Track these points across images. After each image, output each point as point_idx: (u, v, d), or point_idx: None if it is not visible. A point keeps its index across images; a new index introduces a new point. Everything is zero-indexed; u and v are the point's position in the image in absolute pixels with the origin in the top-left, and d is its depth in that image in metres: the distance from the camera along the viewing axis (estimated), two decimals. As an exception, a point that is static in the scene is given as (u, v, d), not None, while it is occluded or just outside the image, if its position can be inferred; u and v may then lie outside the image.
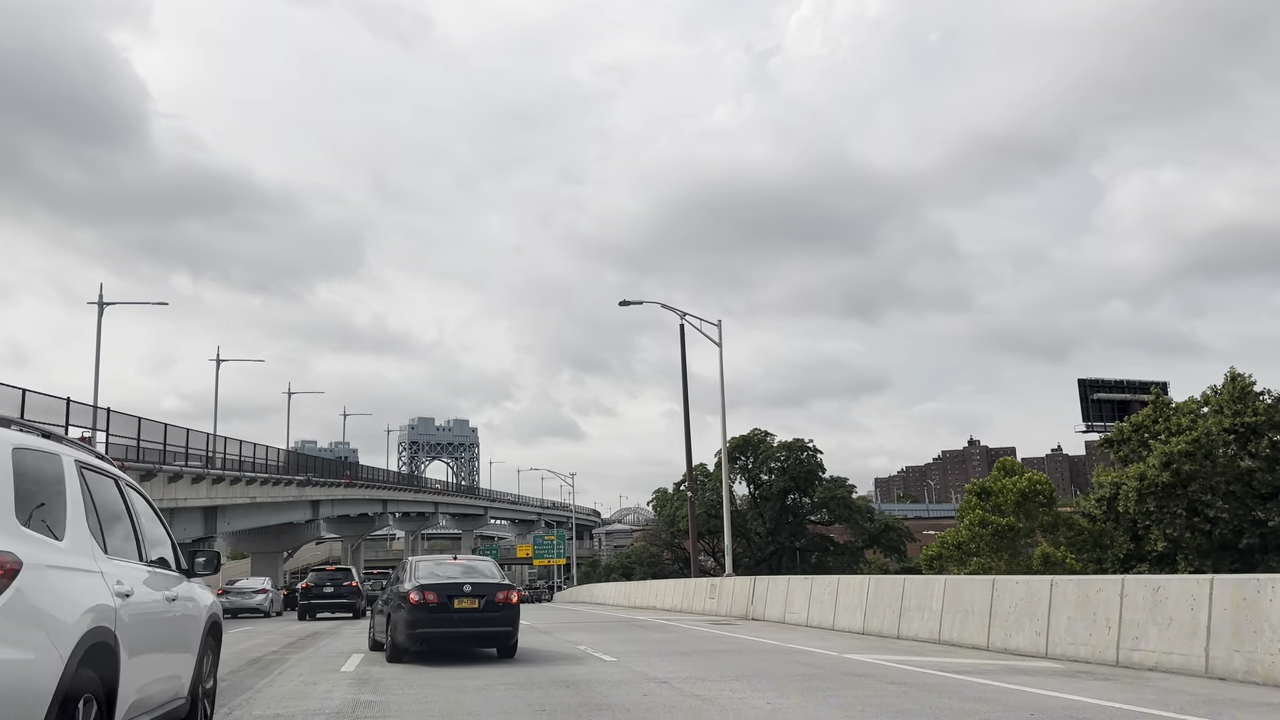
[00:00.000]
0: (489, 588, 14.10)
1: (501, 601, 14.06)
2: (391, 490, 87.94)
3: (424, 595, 13.65)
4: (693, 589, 32.09)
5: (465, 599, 13.86)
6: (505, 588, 14.28)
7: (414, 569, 14.78)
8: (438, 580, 14.12)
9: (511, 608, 14.20)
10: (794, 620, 23.05)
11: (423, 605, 13.59)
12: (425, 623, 13.58)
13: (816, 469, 72.62)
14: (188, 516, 39.04)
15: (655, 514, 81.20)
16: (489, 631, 14.12)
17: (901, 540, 74.85)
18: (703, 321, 30.63)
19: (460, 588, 13.96)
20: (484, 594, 13.97)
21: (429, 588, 13.81)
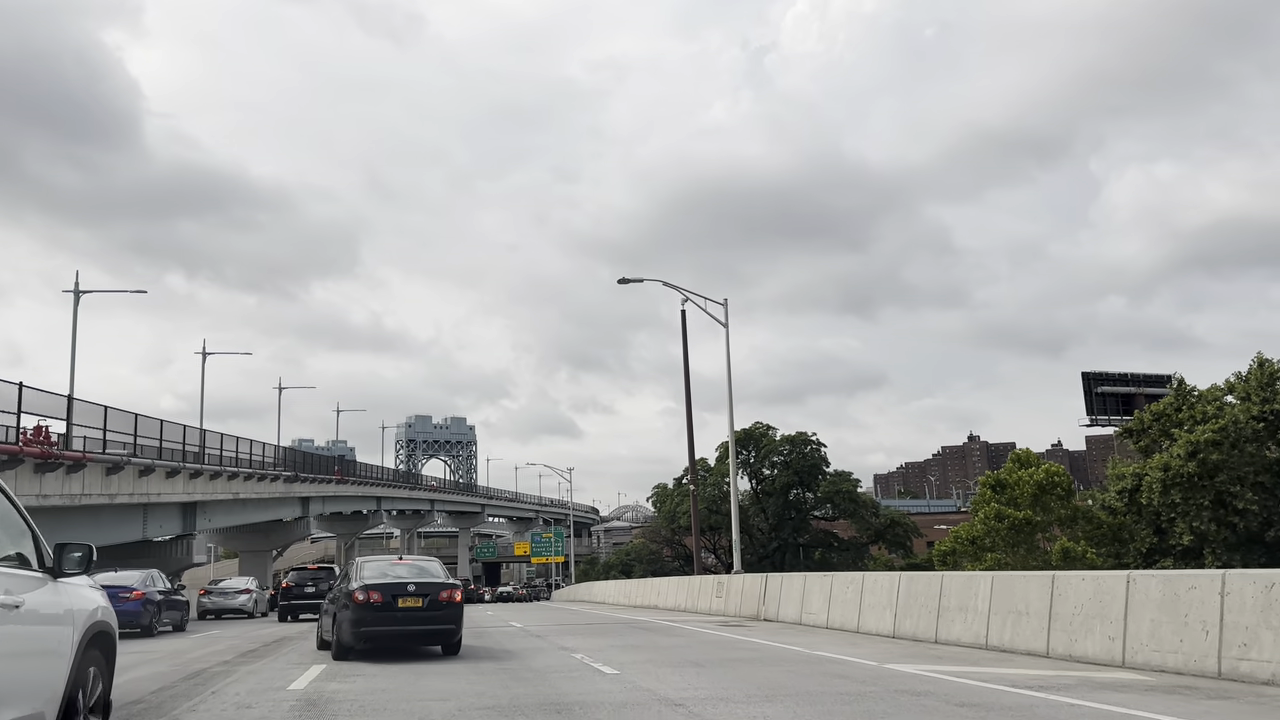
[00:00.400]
0: (432, 587, 14.26)
1: (445, 600, 14.24)
2: (385, 487, 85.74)
3: (369, 595, 13.84)
4: (698, 587, 29.96)
5: (409, 598, 14.04)
6: (449, 587, 14.42)
7: (360, 569, 14.89)
8: (382, 580, 14.26)
9: (454, 606, 14.38)
10: (812, 622, 20.91)
11: (367, 604, 13.78)
12: (370, 621, 13.77)
13: (820, 463, 70.49)
14: (163, 513, 36.85)
15: (655, 510, 79.05)
16: (433, 629, 14.33)
17: (908, 536, 72.76)
18: (708, 301, 28.55)
19: (404, 587, 14.13)
20: (428, 593, 14.15)
21: (373, 587, 13.95)
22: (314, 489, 61.35)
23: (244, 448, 45.35)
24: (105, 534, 31.44)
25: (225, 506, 44.35)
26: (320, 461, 67.44)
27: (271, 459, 50.34)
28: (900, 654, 14.03)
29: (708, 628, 20.99)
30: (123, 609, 25.35)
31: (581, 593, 58.34)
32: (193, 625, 30.33)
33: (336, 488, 68.12)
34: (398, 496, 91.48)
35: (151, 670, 13.19)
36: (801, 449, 70.48)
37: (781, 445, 70.92)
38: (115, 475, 29.42)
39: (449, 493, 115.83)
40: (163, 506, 36.13)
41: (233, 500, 44.05)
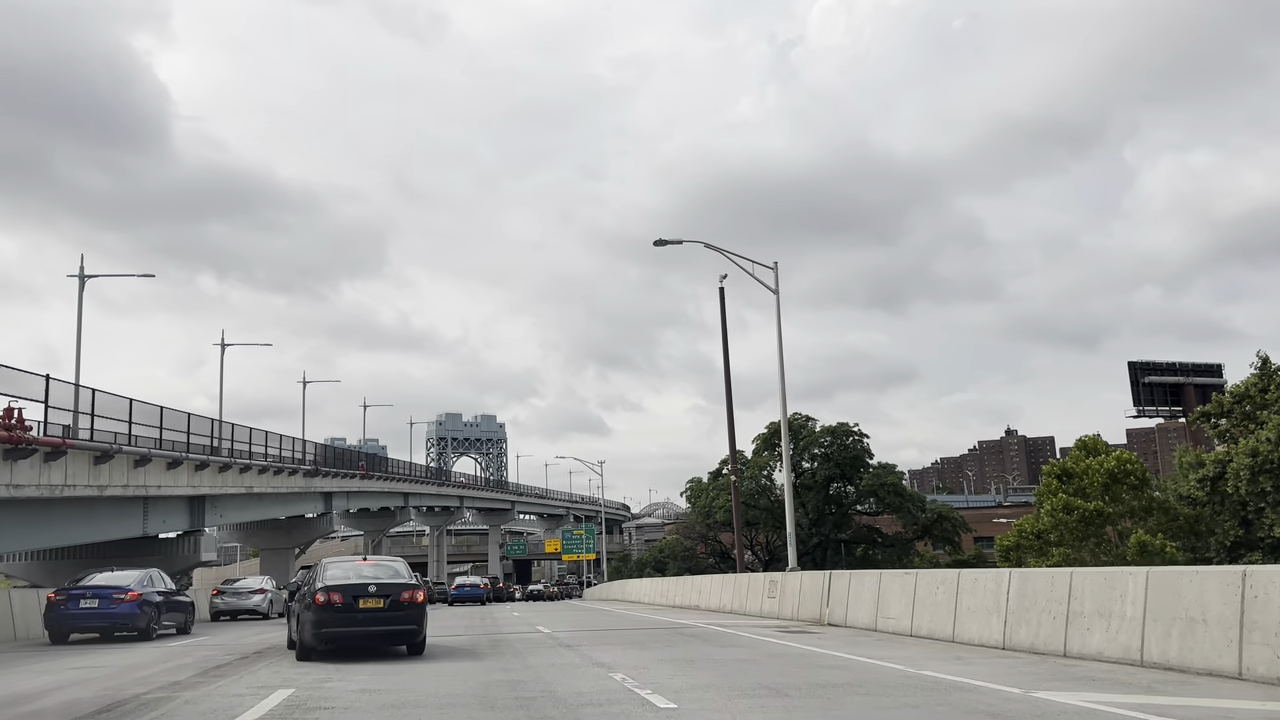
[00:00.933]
0: (394, 587, 14.22)
1: (407, 601, 14.22)
2: (413, 483, 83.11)
3: (329, 596, 13.82)
4: (746, 586, 26.70)
5: (370, 599, 14.01)
6: (410, 587, 14.39)
7: (323, 570, 14.84)
8: (343, 581, 14.21)
9: (416, 607, 14.38)
10: (890, 628, 17.61)
11: (328, 606, 13.78)
12: (330, 622, 13.80)
13: (863, 455, 66.78)
14: (166, 507, 34.13)
15: (689, 505, 75.71)
16: (394, 630, 14.32)
17: (956, 531, 68.89)
18: (755, 265, 25.21)
19: (365, 588, 14.12)
20: (389, 594, 14.11)
21: (334, 588, 13.93)
22: (337, 484, 58.68)
23: (259, 439, 42.64)
24: (98, 529, 28.76)
25: (238, 501, 41.65)
26: (345, 456, 64.82)
27: (290, 452, 47.64)
28: (1033, 673, 10.74)
29: (767, 635, 17.74)
30: (116, 611, 23.02)
31: (615, 591, 55.25)
32: (202, 628, 27.71)
33: (361, 483, 65.47)
34: (426, 493, 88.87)
35: (68, 697, 10.19)
36: (843, 440, 66.85)
37: (822, 436, 67.34)
38: (105, 465, 26.66)
39: (478, 489, 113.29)
40: (165, 500, 33.42)
41: (246, 494, 41.35)
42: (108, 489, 27.17)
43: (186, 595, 27.82)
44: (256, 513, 45.86)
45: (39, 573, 34.06)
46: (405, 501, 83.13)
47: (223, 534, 59.96)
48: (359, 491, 65.92)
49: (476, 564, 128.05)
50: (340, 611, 13.77)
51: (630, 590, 47.48)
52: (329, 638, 13.88)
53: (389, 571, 15.04)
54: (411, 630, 14.39)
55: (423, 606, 14.58)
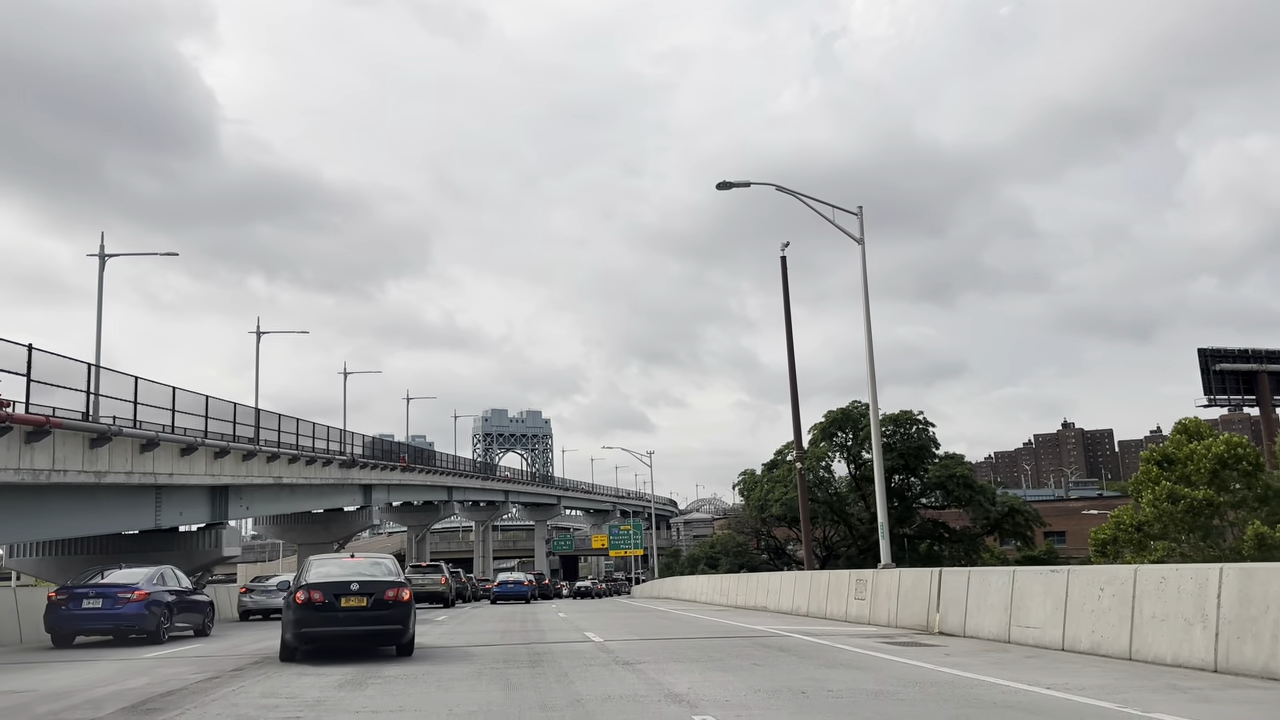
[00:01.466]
0: (377, 585, 13.75)
1: (391, 599, 13.74)
2: (456, 477, 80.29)
3: (310, 595, 13.45)
4: (826, 586, 23.00)
5: (352, 597, 13.57)
6: (395, 585, 13.93)
7: (309, 568, 14.56)
8: (324, 579, 13.81)
9: (402, 605, 13.87)
10: (1030, 640, 13.87)
11: (309, 605, 13.40)
12: (311, 622, 13.39)
13: (929, 444, 62.42)
14: (183, 497, 31.27)
15: (742, 498, 71.86)
16: (378, 630, 13.77)
17: (1029, 525, 64.30)
18: (836, 210, 21.45)
19: (347, 586, 13.68)
20: (372, 592, 13.66)
21: (315, 587, 13.54)
22: (376, 476, 55.87)
23: (289, 427, 39.75)
24: (99, 520, 25.95)
25: (267, 492, 38.81)
26: (385, 448, 62.00)
27: (325, 442, 44.77)
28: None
29: (874, 648, 14.07)
30: (122, 613, 20.38)
31: (667, 589, 51.69)
32: (226, 628, 25.20)
33: (402, 476, 62.66)
34: (470, 487, 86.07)
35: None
36: (906, 429, 62.57)
37: (885, 425, 63.11)
38: (103, 449, 23.70)
39: (524, 484, 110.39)
40: (181, 490, 30.56)
41: (275, 485, 38.48)
42: (107, 475, 24.23)
43: (204, 594, 25.08)
44: (288, 505, 43.07)
45: (50, 569, 31.47)
46: (449, 496, 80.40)
47: (260, 529, 57.50)
48: (400, 484, 63.14)
49: (523, 560, 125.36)
50: (321, 611, 13.37)
51: (684, 588, 43.91)
52: (309, 638, 13.50)
53: (375, 569, 14.60)
54: (396, 630, 13.86)
55: (408, 605, 14.04)
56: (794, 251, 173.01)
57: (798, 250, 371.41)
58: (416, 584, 41.71)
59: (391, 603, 13.73)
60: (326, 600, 13.42)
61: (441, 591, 40.74)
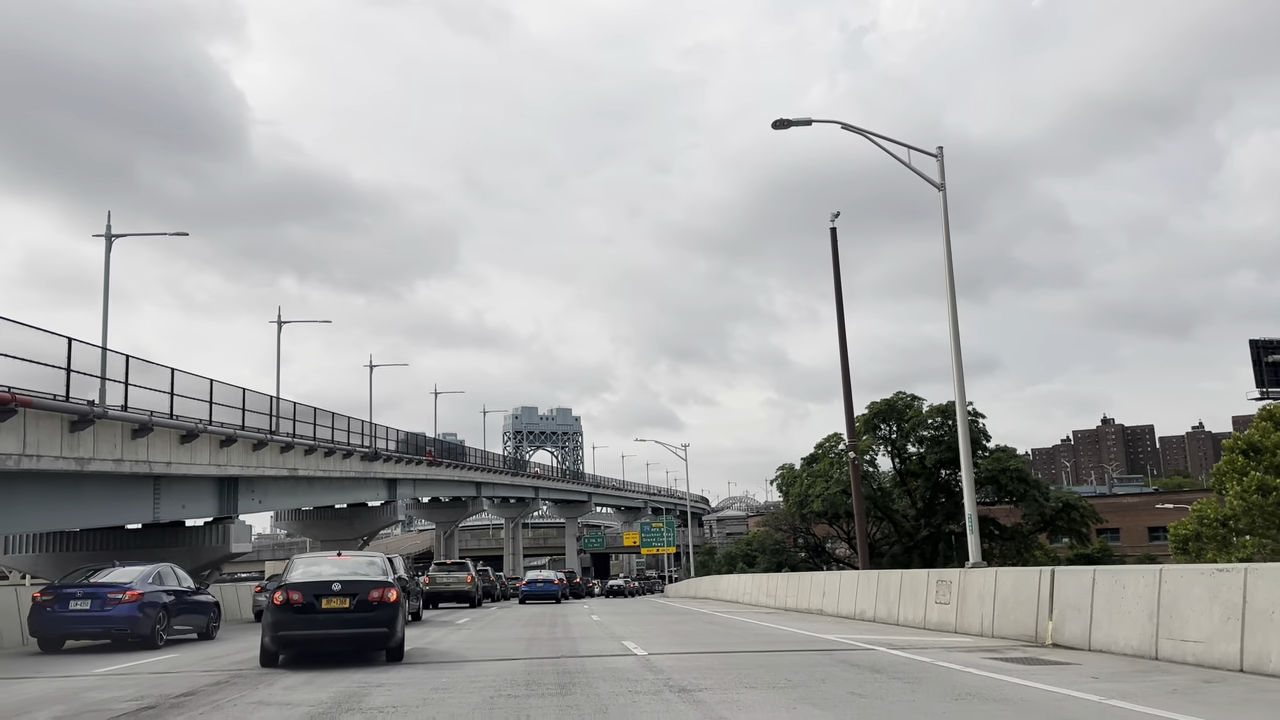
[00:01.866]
0: (361, 585, 12.88)
1: (376, 600, 12.83)
2: (485, 472, 77.80)
3: (288, 596, 12.72)
4: (898, 587, 19.95)
5: (334, 598, 12.73)
6: (380, 585, 13.00)
7: (291, 567, 13.93)
8: (304, 579, 13.05)
9: (388, 607, 12.90)
10: (1187, 657, 10.84)
11: (287, 606, 12.67)
12: (289, 625, 12.66)
13: (979, 436, 58.86)
14: (185, 488, 28.78)
15: (781, 494, 68.62)
16: (361, 633, 12.81)
17: (1085, 521, 60.60)
18: (911, 151, 18.38)
19: (328, 586, 12.83)
20: (355, 592, 12.80)
21: (294, 587, 12.83)
22: (400, 470, 53.41)
23: (305, 416, 37.25)
24: (84, 513, 23.45)
25: (281, 485, 36.32)
26: (412, 442, 59.48)
27: (345, 432, 42.25)
28: None
29: (990, 667, 11.04)
30: (112, 615, 18.46)
31: (704, 588, 48.71)
32: (236, 630, 23.09)
33: (429, 470, 60.21)
34: (499, 483, 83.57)
35: None
36: (954, 419, 59.06)
37: (930, 417, 59.72)
38: (85, 433, 21.13)
39: (554, 480, 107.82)
40: (183, 481, 28.07)
41: (290, 477, 35.98)
42: (91, 463, 21.69)
43: (208, 594, 22.66)
44: (306, 499, 40.63)
45: (47, 566, 29.14)
46: (478, 491, 77.95)
47: (284, 524, 55.24)
48: (426, 479, 60.71)
49: (553, 558, 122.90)
50: (300, 613, 12.62)
51: (724, 587, 40.91)
52: (288, 642, 12.79)
53: (361, 568, 13.82)
54: (381, 634, 12.95)
55: (395, 607, 13.11)
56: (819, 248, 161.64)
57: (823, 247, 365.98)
58: (441, 583, 39.12)
59: (376, 604, 12.82)
60: (306, 601, 12.62)
61: (467, 590, 38.15)
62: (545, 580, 44.49)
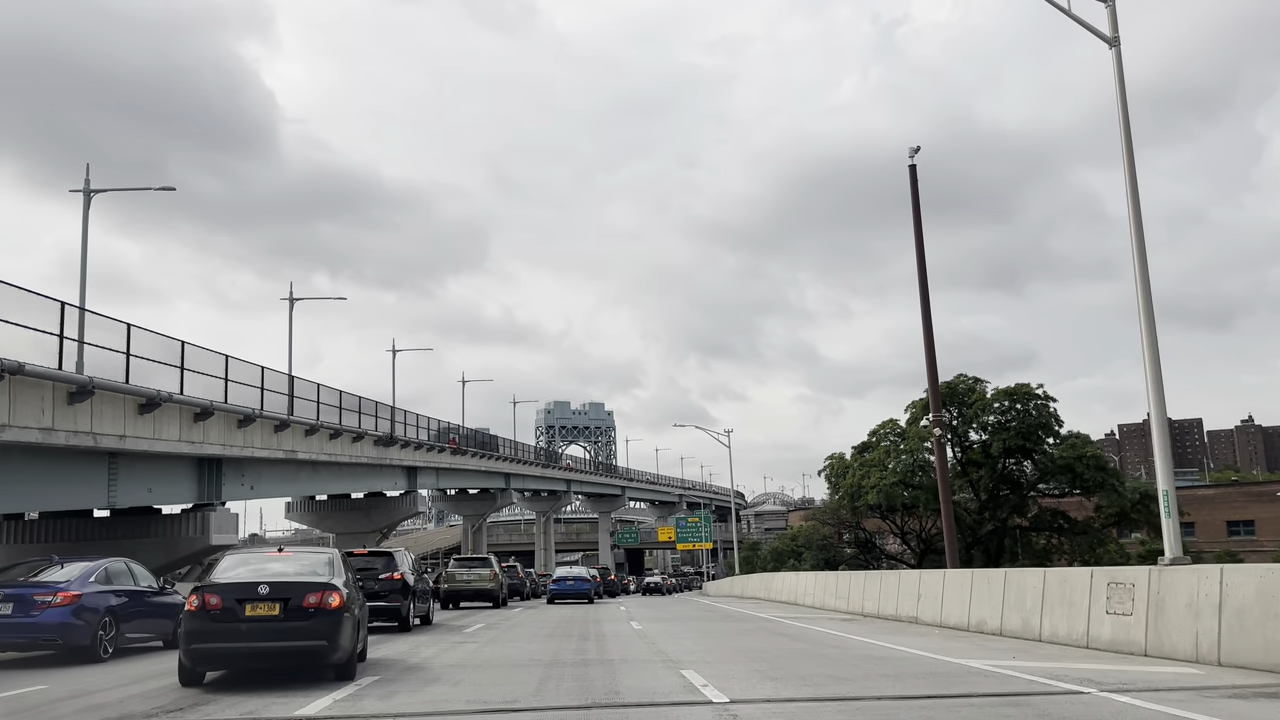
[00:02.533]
0: (294, 588, 10.46)
1: (313, 607, 10.34)
2: (514, 463, 73.26)
3: (204, 600, 10.34)
4: (1037, 590, 14.85)
5: (260, 604, 10.32)
6: (319, 588, 10.51)
7: (221, 564, 11.49)
8: (227, 579, 10.78)
9: (328, 615, 10.40)
10: None
11: (203, 613, 10.30)
12: (205, 635, 10.25)
13: (1050, 422, 53.18)
14: (154, 468, 24.26)
15: (829, 485, 63.22)
16: (293, 647, 10.32)
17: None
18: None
19: (253, 589, 10.43)
20: (286, 596, 10.36)
21: (212, 589, 10.47)
22: (421, 457, 48.91)
23: (302, 390, 32.73)
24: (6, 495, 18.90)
25: (277, 469, 31.85)
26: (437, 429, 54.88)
27: (354, 413, 37.72)
28: None
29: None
30: (39, 621, 15.02)
31: (753, 586, 43.64)
32: None
33: (452, 459, 55.67)
34: (529, 475, 78.98)
35: None
36: (1024, 404, 53.42)
37: (996, 401, 54.05)
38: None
39: (586, 473, 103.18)
40: (148, 459, 23.56)
41: (288, 461, 31.46)
42: (6, 431, 17.15)
43: (176, 594, 18.26)
44: (309, 485, 36.19)
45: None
46: (506, 483, 73.43)
47: (295, 517, 50.95)
48: (450, 469, 56.15)
49: (586, 553, 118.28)
50: (218, 621, 10.24)
51: (778, 587, 35.82)
52: (204, 656, 10.32)
53: (300, 567, 11.23)
54: (318, 648, 10.34)
55: (338, 615, 10.48)
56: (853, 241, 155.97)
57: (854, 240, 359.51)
58: (461, 579, 34.44)
59: (312, 611, 10.45)
60: (226, 607, 10.36)
61: (489, 589, 33.54)
62: (576, 578, 39.53)
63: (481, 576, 33.85)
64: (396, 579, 21.17)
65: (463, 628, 21.03)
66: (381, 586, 20.95)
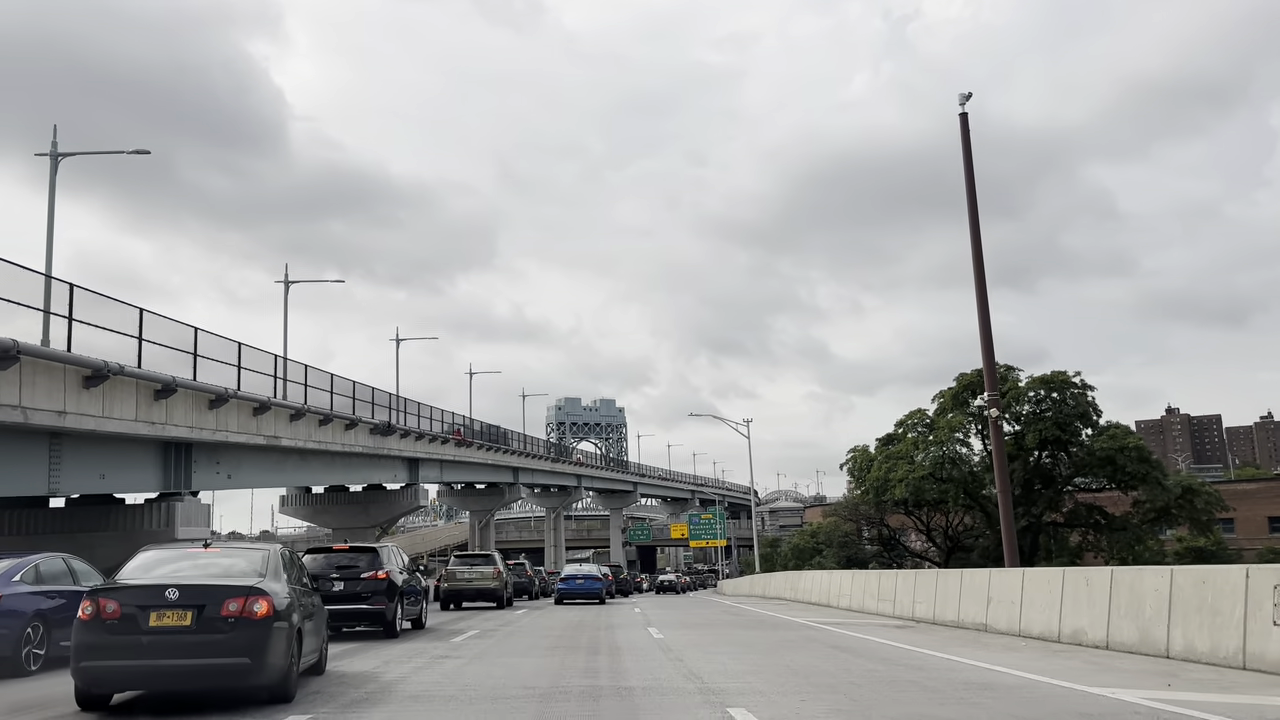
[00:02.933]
0: (211, 592, 8.32)
1: (233, 615, 8.21)
2: (523, 456, 70.24)
3: (99, 606, 8.27)
4: (1163, 595, 11.72)
5: (167, 611, 8.18)
6: (243, 592, 8.34)
7: (128, 565, 9.39)
8: (131, 581, 8.74)
9: (252, 626, 8.23)
10: None
11: (98, 622, 8.22)
12: (98, 651, 8.12)
13: (1089, 412, 49.86)
14: (104, 452, 21.30)
15: (853, 479, 59.93)
16: (206, 665, 8.12)
17: (1209, 509, 51.29)
18: None
19: (160, 593, 8.29)
20: (200, 602, 8.21)
21: (109, 593, 8.42)
22: (423, 448, 45.93)
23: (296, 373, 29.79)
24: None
25: (258, 456, 28.93)
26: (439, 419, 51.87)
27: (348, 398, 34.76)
28: None
29: None
30: None
31: (777, 585, 40.51)
32: None
33: (457, 451, 52.69)
34: (538, 469, 75.93)
35: None
36: (1061, 392, 50.14)
37: (1031, 390, 50.77)
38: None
39: (598, 468, 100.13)
40: (99, 441, 20.59)
41: (271, 447, 28.52)
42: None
43: None
44: (298, 475, 33.25)
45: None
46: (515, 478, 70.38)
47: (289, 510, 48.10)
48: (455, 461, 53.16)
49: (598, 550, 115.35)
50: (115, 632, 8.14)
51: (805, 586, 32.68)
52: (96, 676, 8.22)
53: (225, 567, 9.21)
54: (239, 666, 8.18)
55: (265, 625, 8.35)
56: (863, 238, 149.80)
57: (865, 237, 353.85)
58: (461, 578, 31.51)
59: (232, 621, 8.19)
60: (125, 615, 8.13)
61: (493, 588, 30.67)
62: (586, 576, 36.41)
63: (484, 575, 30.96)
64: (380, 578, 18.24)
65: (454, 634, 18.11)
66: (363, 587, 18.07)
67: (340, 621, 18.23)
